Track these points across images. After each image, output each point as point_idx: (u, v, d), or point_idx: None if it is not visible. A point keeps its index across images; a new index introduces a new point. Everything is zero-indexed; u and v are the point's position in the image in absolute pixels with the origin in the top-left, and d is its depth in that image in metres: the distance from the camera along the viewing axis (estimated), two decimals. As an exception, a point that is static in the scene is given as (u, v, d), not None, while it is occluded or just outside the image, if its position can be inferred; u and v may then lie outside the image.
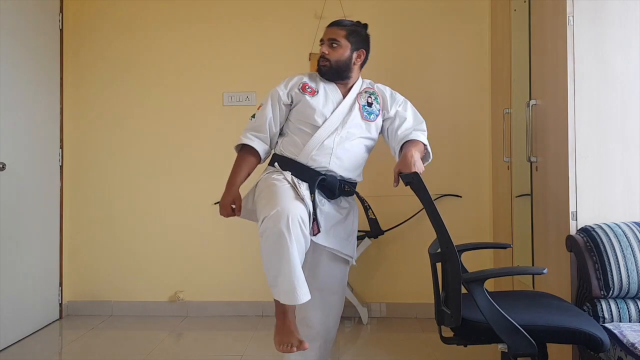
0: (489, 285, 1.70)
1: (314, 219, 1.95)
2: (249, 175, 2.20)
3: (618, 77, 2.32)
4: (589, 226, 2.23)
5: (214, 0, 3.82)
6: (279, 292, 1.83)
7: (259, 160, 2.21)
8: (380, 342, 3.27)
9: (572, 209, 2.31)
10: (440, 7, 3.74)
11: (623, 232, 2.15)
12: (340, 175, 2.11)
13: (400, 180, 1.94)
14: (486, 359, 2.89)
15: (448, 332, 1.86)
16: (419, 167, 1.91)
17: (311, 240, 1.95)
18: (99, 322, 3.67)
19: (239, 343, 3.21)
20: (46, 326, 3.57)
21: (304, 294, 1.80)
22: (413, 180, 1.82)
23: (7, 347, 3.16)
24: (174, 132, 3.83)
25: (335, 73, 2.17)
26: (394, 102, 2.23)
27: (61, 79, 3.78)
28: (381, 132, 2.25)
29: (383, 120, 2.22)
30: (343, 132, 2.10)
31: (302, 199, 1.91)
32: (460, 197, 3.70)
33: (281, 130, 2.23)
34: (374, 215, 2.23)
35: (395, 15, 3.75)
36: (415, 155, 1.96)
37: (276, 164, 2.14)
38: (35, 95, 3.50)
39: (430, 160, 2.21)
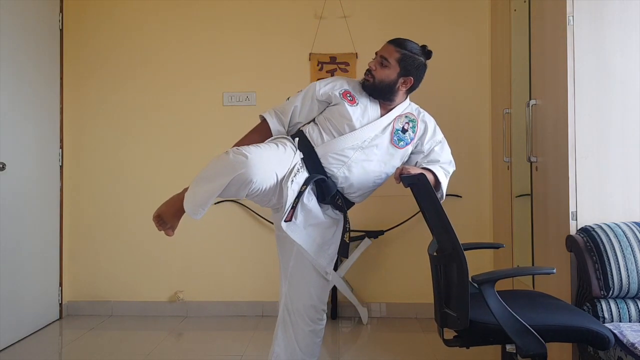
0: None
1: (293, 207, 1.96)
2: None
3: (618, 77, 2.32)
4: (589, 226, 2.23)
5: (214, 0, 3.82)
6: (190, 195, 1.95)
7: (270, 134, 2.18)
8: (380, 342, 3.27)
9: (572, 209, 2.31)
10: (440, 7, 3.74)
11: (623, 232, 2.15)
12: (341, 186, 2.09)
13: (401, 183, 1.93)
14: (486, 358, 2.89)
15: (449, 334, 1.85)
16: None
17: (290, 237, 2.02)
18: (99, 322, 3.67)
19: (239, 343, 3.21)
20: (46, 326, 3.57)
21: (197, 214, 1.95)
22: (418, 182, 1.79)
23: (7, 347, 3.16)
24: (173, 132, 3.82)
25: (376, 91, 2.12)
26: (433, 138, 2.16)
27: (61, 79, 3.78)
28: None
29: (412, 152, 2.18)
30: (367, 150, 2.07)
31: (278, 180, 1.91)
32: (461, 197, 3.70)
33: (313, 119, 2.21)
34: (348, 241, 2.11)
35: (395, 15, 3.75)
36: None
37: (297, 139, 2.11)
38: (35, 95, 3.50)
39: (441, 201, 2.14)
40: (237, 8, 3.81)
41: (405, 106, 2.18)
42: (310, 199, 2.05)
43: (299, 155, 2.04)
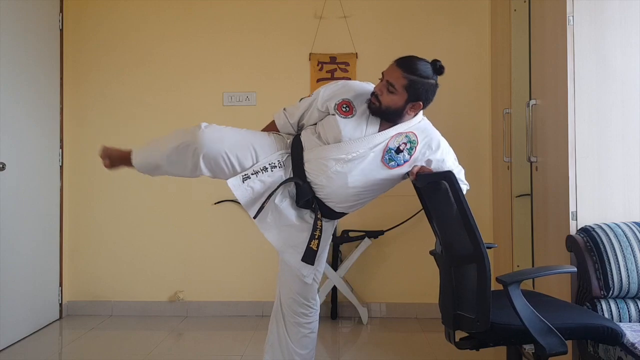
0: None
1: (261, 207, 2.00)
2: None
3: (618, 77, 2.32)
4: (589, 226, 2.23)
5: (215, 0, 3.82)
6: (144, 146, 2.13)
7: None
8: (380, 342, 3.27)
9: (572, 209, 2.31)
10: (440, 7, 3.74)
11: (623, 232, 2.15)
12: (319, 195, 2.04)
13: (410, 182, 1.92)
14: (487, 358, 2.89)
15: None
16: None
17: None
18: (99, 322, 3.67)
19: (239, 343, 3.21)
20: (46, 326, 3.57)
21: (137, 160, 2.10)
22: (444, 179, 1.74)
23: (7, 347, 3.16)
24: (174, 132, 3.82)
25: (383, 115, 2.01)
26: (442, 164, 2.04)
27: (61, 79, 3.78)
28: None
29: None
30: (351, 164, 1.97)
31: (228, 159, 1.99)
32: (460, 197, 3.69)
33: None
34: (316, 248, 2.01)
35: (395, 15, 3.74)
36: None
37: (290, 140, 2.13)
38: (35, 95, 3.49)
39: None
40: (237, 8, 3.81)
41: (411, 124, 2.03)
42: (282, 200, 2.05)
43: (277, 155, 2.05)
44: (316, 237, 2.02)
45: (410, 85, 1.93)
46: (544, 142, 2.63)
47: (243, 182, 2.00)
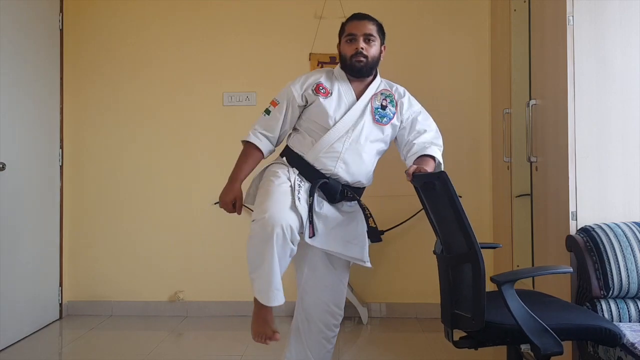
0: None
1: (310, 222, 1.96)
2: (252, 170, 2.18)
3: (618, 77, 2.32)
4: (589, 226, 2.23)
5: (215, 1, 3.82)
6: (255, 290, 1.90)
7: (262, 157, 2.19)
8: (380, 342, 3.27)
9: (572, 209, 2.31)
10: (440, 7, 3.74)
11: (623, 232, 2.15)
12: (345, 180, 2.08)
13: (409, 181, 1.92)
14: (486, 358, 2.89)
15: (455, 335, 1.85)
16: None
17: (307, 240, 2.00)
18: (99, 322, 3.67)
19: (239, 343, 3.21)
20: (46, 326, 3.57)
21: (275, 299, 1.87)
22: (438, 180, 1.76)
23: (7, 347, 3.16)
24: (173, 131, 3.82)
25: (370, 70, 2.14)
26: (411, 109, 2.17)
27: (61, 79, 3.78)
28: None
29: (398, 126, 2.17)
30: (353, 136, 2.06)
31: (295, 207, 1.90)
32: (460, 197, 3.67)
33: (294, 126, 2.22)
34: (375, 224, 2.08)
35: (395, 16, 3.74)
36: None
37: (284, 158, 2.15)
38: (35, 95, 3.49)
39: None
40: (237, 8, 3.81)
41: (377, 84, 2.18)
42: (321, 206, 2.05)
43: (293, 173, 2.04)
44: (369, 215, 2.08)
45: (379, 29, 2.19)
46: (544, 142, 2.63)
47: (300, 203, 1.95)
